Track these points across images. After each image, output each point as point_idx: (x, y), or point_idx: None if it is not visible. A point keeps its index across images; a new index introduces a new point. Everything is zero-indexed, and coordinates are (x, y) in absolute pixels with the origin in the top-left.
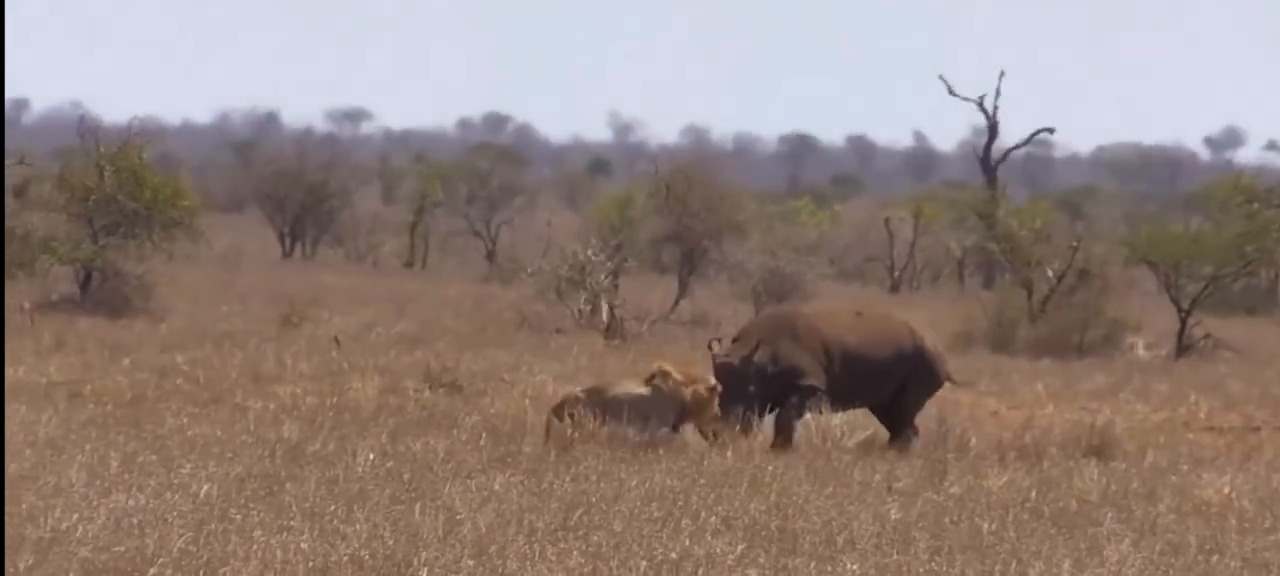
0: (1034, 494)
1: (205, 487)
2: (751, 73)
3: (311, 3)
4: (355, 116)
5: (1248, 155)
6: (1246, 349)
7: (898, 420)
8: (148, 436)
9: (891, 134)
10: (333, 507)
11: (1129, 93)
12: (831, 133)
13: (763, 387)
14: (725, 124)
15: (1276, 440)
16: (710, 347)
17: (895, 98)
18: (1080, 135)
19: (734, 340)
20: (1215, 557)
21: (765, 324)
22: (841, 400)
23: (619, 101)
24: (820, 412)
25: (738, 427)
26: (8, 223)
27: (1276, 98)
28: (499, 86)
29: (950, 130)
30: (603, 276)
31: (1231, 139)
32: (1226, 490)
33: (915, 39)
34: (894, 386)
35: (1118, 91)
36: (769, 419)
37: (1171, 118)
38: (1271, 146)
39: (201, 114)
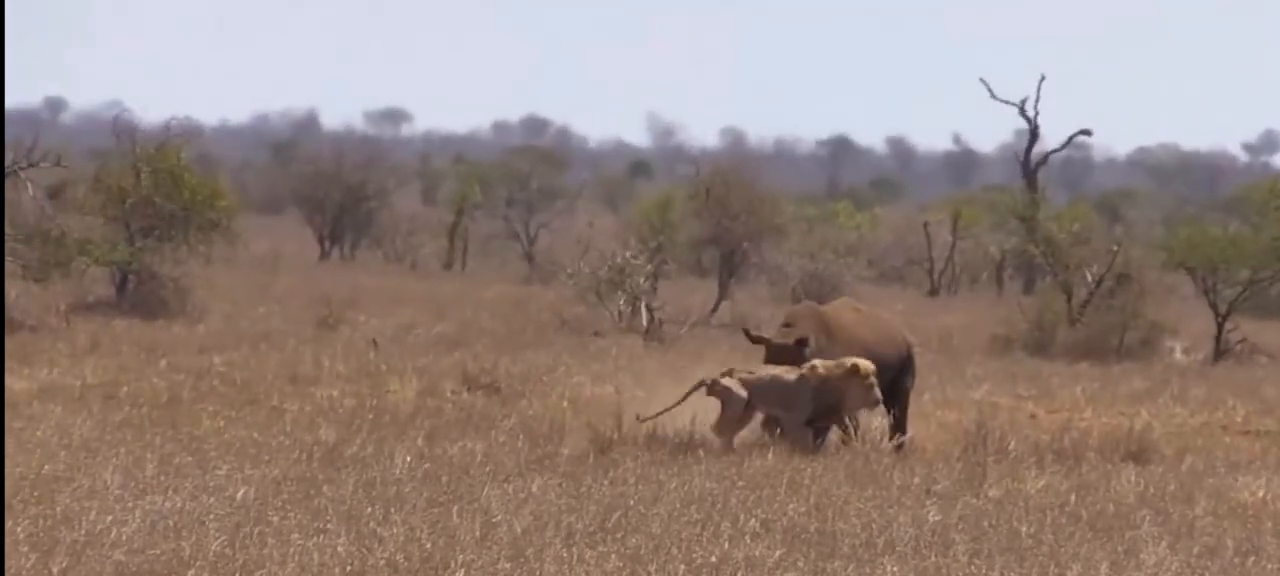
0: (1072, 497)
1: (242, 490)
2: (791, 75)
3: (351, 3)
4: (395, 117)
5: None
6: None
7: (898, 418)
8: (184, 438)
9: (931, 137)
10: (369, 510)
11: (1168, 96)
12: (871, 135)
13: None
14: (765, 126)
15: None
16: (747, 334)
17: (935, 101)
18: (1119, 138)
19: (784, 325)
20: (1251, 560)
21: (804, 317)
22: None
23: (658, 104)
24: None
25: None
26: (43, 225)
27: None
28: (539, 89)
29: (990, 133)
30: (642, 279)
31: (1270, 143)
32: (1263, 493)
33: (955, 42)
34: (888, 380)
35: (1157, 94)
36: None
37: (1210, 121)
38: None
39: (239, 114)
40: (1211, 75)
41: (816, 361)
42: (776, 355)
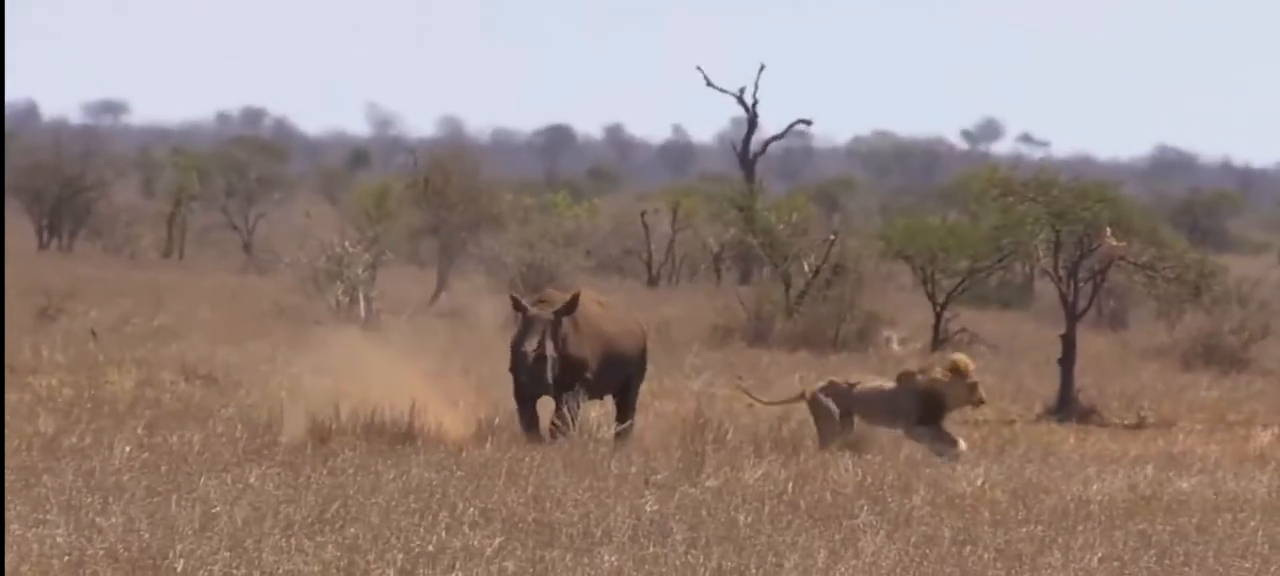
0: (790, 486)
1: None
2: (509, 65)
3: None
4: (113, 108)
5: (1004, 147)
6: (1001, 343)
7: (626, 407)
8: None
9: (650, 127)
10: (89, 500)
11: (886, 83)
12: (589, 125)
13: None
14: (483, 116)
15: (1030, 433)
16: (514, 300)
17: (653, 90)
18: (838, 126)
19: (537, 301)
20: (968, 549)
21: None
22: (592, 390)
23: (377, 95)
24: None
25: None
26: None
27: (1032, 90)
28: (257, 80)
29: (709, 123)
30: (360, 269)
31: (989, 131)
32: (980, 482)
33: (673, 30)
34: (628, 375)
35: (875, 82)
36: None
37: (929, 109)
38: (1026, 138)
39: None
40: (929, 62)
41: (913, 366)
42: (530, 325)
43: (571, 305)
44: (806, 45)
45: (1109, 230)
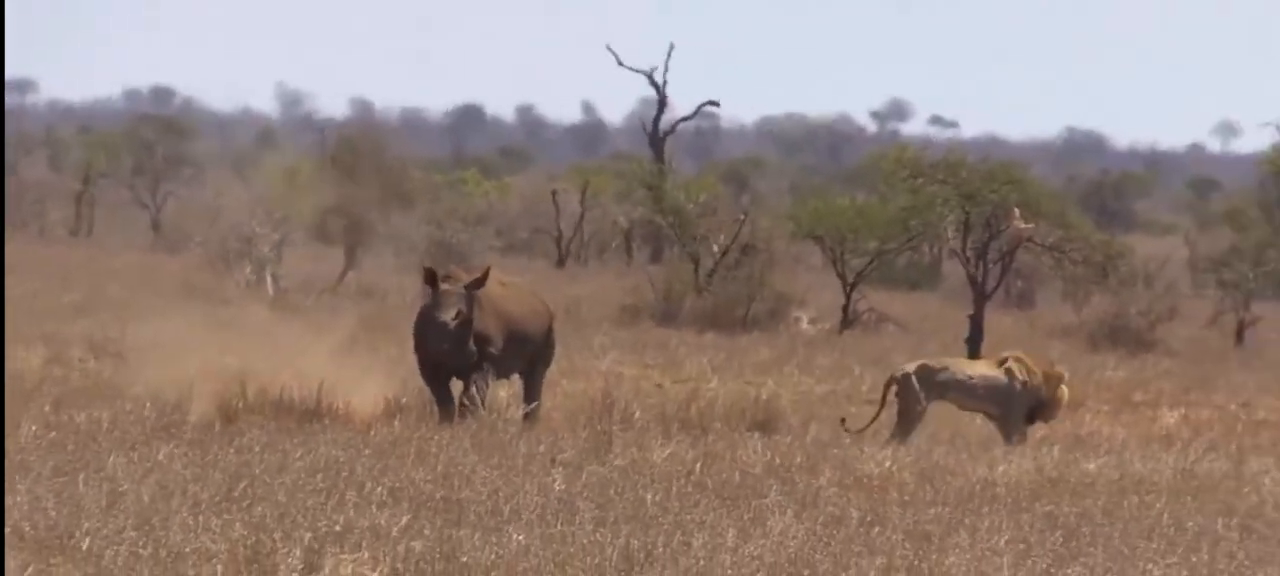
0: (698, 466)
1: None
2: (419, 43)
3: None
4: (21, 87)
5: (913, 129)
6: (909, 323)
7: (533, 388)
8: None
9: (560, 106)
10: None
11: (795, 64)
12: (500, 105)
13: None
14: (393, 95)
15: (937, 414)
16: (426, 272)
17: (564, 69)
18: (746, 107)
19: (443, 277)
20: (876, 529)
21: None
22: (497, 368)
23: (286, 73)
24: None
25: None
26: None
27: (941, 71)
28: (165, 58)
29: (619, 102)
30: (268, 247)
31: (897, 112)
32: (888, 463)
33: (583, 8)
34: (533, 356)
35: (783, 62)
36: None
37: (837, 90)
38: (935, 120)
39: None
40: (838, 43)
41: (1015, 362)
42: (445, 297)
43: (481, 280)
44: (716, 26)
45: (1017, 211)
